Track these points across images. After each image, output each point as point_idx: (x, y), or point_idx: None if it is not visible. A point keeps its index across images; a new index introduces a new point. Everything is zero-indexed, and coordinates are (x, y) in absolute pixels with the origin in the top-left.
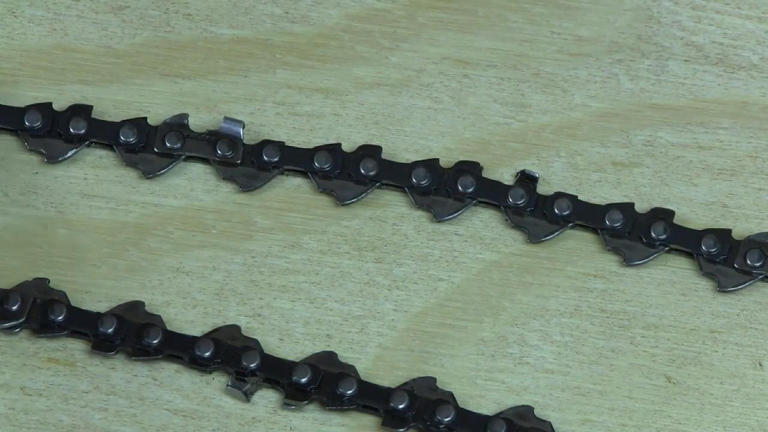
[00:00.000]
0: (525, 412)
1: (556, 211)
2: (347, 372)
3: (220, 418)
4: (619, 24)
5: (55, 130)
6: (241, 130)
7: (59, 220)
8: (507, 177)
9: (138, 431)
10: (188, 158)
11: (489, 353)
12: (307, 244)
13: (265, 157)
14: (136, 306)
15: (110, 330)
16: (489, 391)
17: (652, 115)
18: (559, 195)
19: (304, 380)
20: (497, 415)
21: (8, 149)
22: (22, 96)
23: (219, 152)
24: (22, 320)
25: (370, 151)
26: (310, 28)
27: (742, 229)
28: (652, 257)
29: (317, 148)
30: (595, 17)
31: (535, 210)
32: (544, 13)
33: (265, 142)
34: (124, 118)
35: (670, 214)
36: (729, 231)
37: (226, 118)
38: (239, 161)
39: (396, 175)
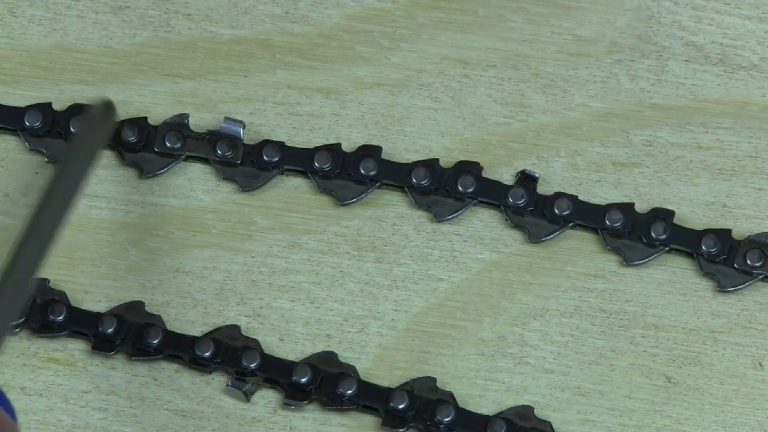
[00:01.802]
0: (525, 412)
1: (556, 211)
2: (347, 372)
3: (220, 418)
4: (619, 24)
5: (56, 130)
6: (242, 130)
7: None
8: (507, 177)
9: (138, 431)
10: (188, 158)
11: (489, 353)
12: (307, 244)
13: (265, 157)
14: (136, 306)
15: (110, 330)
16: (489, 391)
17: (652, 115)
18: (559, 195)
19: (304, 380)
20: (497, 415)
21: (9, 149)
22: (22, 96)
23: (219, 152)
24: (22, 320)
25: (370, 151)
26: (310, 28)
27: (742, 229)
28: (652, 257)
29: (317, 148)
30: (595, 17)
31: (535, 210)
32: (544, 13)
33: (265, 142)
34: (124, 118)
35: (670, 214)
36: (729, 231)
37: (227, 118)
38: (239, 161)
39: (396, 175)
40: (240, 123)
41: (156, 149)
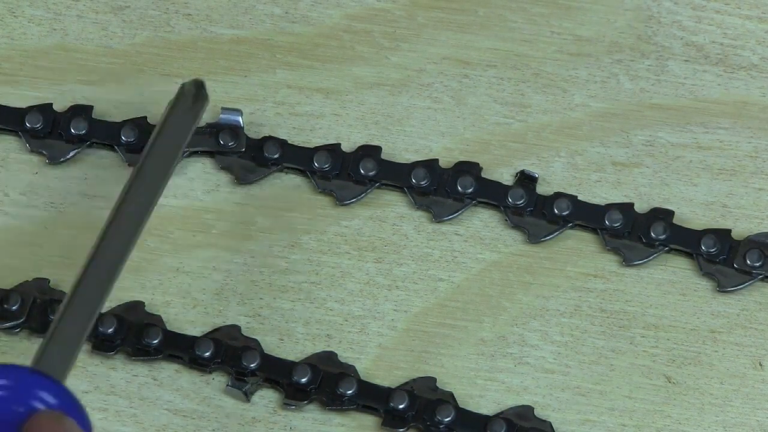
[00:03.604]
0: (525, 412)
1: (556, 211)
2: (347, 372)
3: (220, 418)
4: (619, 24)
5: (56, 131)
6: (240, 118)
7: (59, 220)
8: (507, 177)
9: (138, 431)
10: (191, 154)
11: (489, 353)
12: (307, 244)
13: (265, 154)
14: (136, 306)
15: (110, 330)
16: (489, 391)
17: (652, 115)
18: (558, 195)
19: (304, 380)
20: (497, 415)
21: (9, 149)
22: (22, 96)
23: (222, 143)
24: (22, 320)
25: (370, 151)
26: (310, 28)
27: (742, 229)
28: (651, 257)
29: (317, 148)
30: (595, 17)
31: (534, 210)
32: (544, 13)
33: (267, 138)
34: (125, 118)
35: (670, 214)
36: (729, 231)
37: (224, 108)
38: (243, 149)
39: (396, 175)
40: (238, 111)
41: None
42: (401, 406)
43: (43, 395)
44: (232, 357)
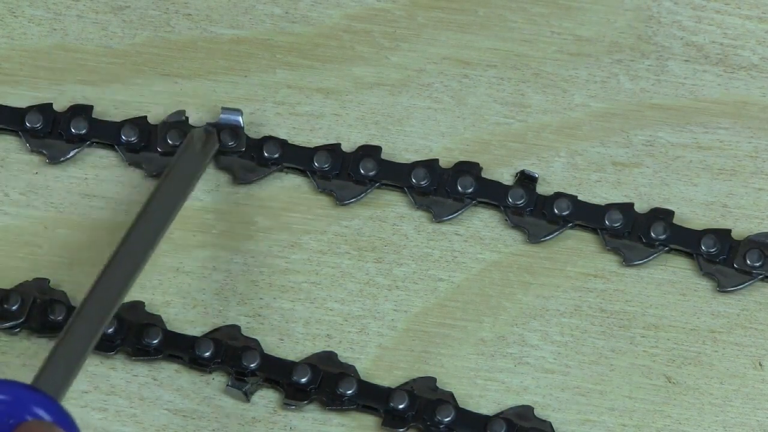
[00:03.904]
0: (525, 412)
1: (556, 211)
2: (347, 372)
3: (220, 418)
4: (619, 24)
5: (56, 131)
6: (240, 118)
7: (59, 220)
8: (507, 177)
9: (138, 431)
10: None
11: (489, 353)
12: (307, 244)
13: (265, 154)
14: (136, 306)
15: (110, 330)
16: (489, 391)
17: (652, 115)
18: (558, 195)
19: (304, 380)
20: (497, 415)
21: (9, 149)
22: (22, 96)
23: (222, 143)
24: (22, 320)
25: (370, 151)
26: (310, 28)
27: (742, 229)
28: (651, 257)
29: (317, 148)
30: (595, 17)
31: (534, 210)
32: (544, 13)
33: (267, 138)
34: (125, 118)
35: (670, 214)
36: (729, 231)
37: (224, 108)
38: (243, 149)
39: (396, 175)
40: (238, 111)
41: (159, 149)
42: (401, 406)
43: (39, 411)
44: (232, 357)
